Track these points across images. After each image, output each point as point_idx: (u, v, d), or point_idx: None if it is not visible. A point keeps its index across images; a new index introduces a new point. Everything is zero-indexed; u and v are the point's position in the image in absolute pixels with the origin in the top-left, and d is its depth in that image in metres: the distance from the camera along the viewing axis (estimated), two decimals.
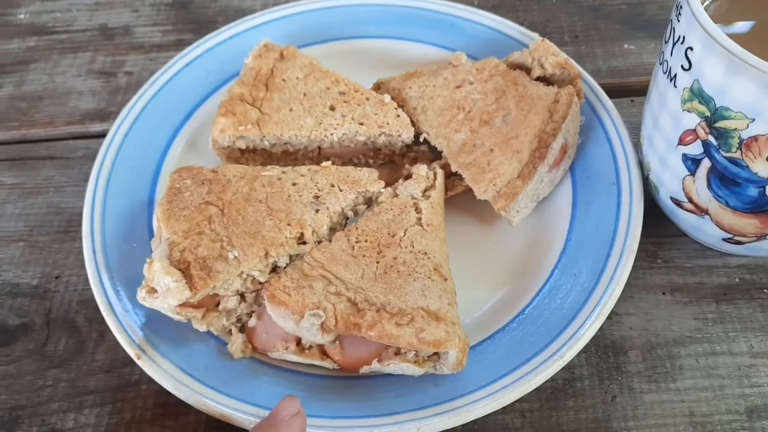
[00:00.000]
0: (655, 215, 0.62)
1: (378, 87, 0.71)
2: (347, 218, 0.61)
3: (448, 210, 0.63)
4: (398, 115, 0.66)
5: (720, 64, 0.47)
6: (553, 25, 0.83)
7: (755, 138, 0.48)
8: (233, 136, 0.65)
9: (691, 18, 0.49)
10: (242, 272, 0.54)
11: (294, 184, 0.61)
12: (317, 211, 0.59)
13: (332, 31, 0.78)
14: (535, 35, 0.73)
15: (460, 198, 0.64)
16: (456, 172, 0.63)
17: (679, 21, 0.51)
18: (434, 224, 0.59)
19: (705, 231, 0.58)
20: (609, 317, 0.59)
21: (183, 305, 0.53)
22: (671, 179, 0.57)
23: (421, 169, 0.62)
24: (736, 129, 0.49)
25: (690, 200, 0.56)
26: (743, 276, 0.62)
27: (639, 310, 0.60)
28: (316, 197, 0.60)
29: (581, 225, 0.62)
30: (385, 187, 0.61)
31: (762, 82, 0.46)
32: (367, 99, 0.67)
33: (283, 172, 0.62)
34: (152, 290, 0.53)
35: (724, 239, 0.58)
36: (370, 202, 0.62)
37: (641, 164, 0.62)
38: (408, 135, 0.65)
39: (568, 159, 0.64)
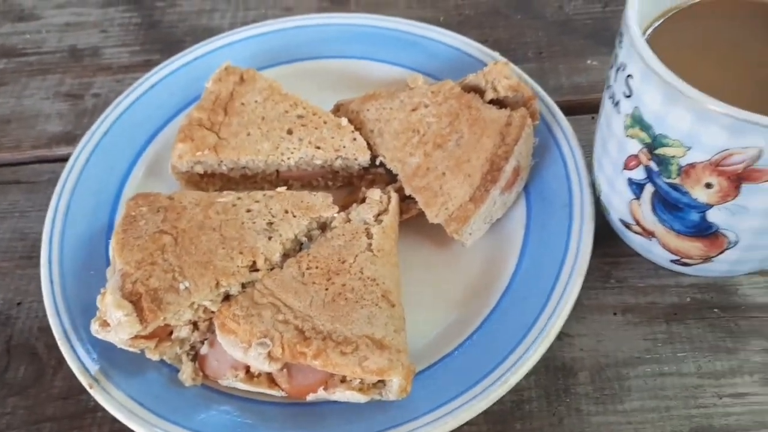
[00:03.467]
0: (610, 234, 0.63)
1: (338, 109, 0.71)
2: (301, 244, 0.62)
3: (403, 232, 0.64)
4: (354, 139, 0.67)
5: (657, 92, 0.48)
6: (517, 41, 0.83)
7: (693, 165, 0.49)
8: (191, 161, 0.66)
9: (630, 46, 0.49)
10: (193, 303, 0.55)
11: (248, 211, 0.61)
12: (270, 238, 0.59)
13: (297, 51, 0.78)
14: (496, 54, 0.74)
15: (415, 220, 0.65)
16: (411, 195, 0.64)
17: (620, 48, 0.52)
18: (385, 249, 0.60)
19: (654, 252, 0.59)
20: (560, 338, 0.59)
21: (135, 338, 0.54)
22: (619, 202, 0.58)
23: (374, 194, 0.63)
24: (674, 156, 0.50)
25: (637, 223, 0.57)
26: (694, 295, 0.62)
27: (591, 331, 0.61)
28: (270, 224, 0.60)
29: (533, 247, 0.62)
30: (339, 211, 0.62)
31: (696, 112, 0.46)
32: (325, 122, 0.68)
33: (239, 198, 0.63)
34: (105, 323, 0.54)
35: (672, 261, 0.58)
36: (324, 227, 0.62)
37: (594, 185, 0.63)
38: (364, 158, 0.66)
39: (521, 181, 0.64)
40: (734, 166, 0.47)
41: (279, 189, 0.64)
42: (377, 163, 0.67)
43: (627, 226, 0.59)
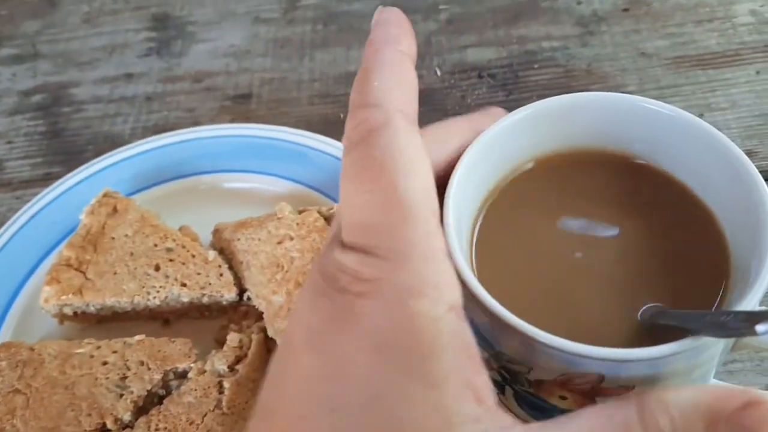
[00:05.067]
0: None
1: (216, 231, 0.70)
2: (160, 395, 0.60)
3: None
4: (221, 274, 0.65)
5: (484, 316, 0.44)
6: None
7: (541, 381, 0.45)
8: (57, 305, 0.65)
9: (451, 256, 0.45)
10: None
11: (104, 364, 0.60)
12: (121, 396, 0.58)
13: (186, 166, 0.77)
14: None
15: None
16: None
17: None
18: (237, 405, 0.58)
19: None
20: None
21: None
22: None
23: (232, 339, 0.61)
24: (520, 372, 0.46)
25: (511, 410, 0.53)
26: None
27: None
28: (123, 378, 0.59)
29: None
30: (195, 362, 0.60)
31: (522, 341, 0.42)
32: (193, 256, 0.66)
33: (98, 348, 0.62)
34: None
35: None
36: (184, 375, 0.61)
37: None
38: (230, 295, 0.64)
39: None
40: (580, 386, 0.43)
41: (137, 337, 0.62)
42: (246, 298, 0.65)
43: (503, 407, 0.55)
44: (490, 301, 0.43)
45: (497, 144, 0.50)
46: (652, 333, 0.45)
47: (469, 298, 0.44)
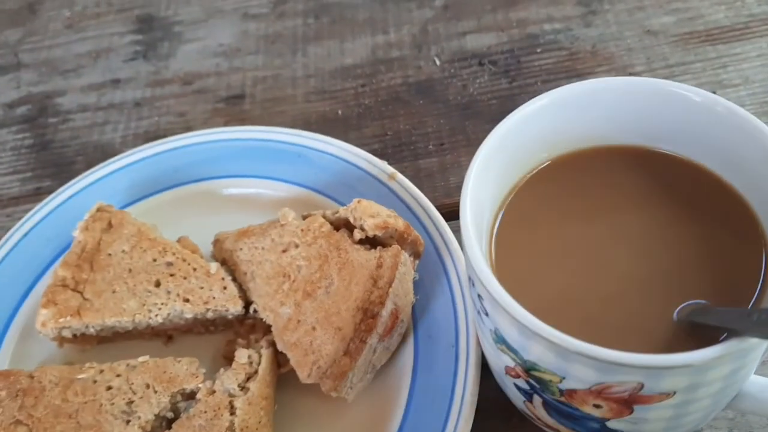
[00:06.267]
0: None
1: (216, 242, 0.67)
2: (168, 419, 0.57)
3: (283, 385, 0.59)
4: (225, 287, 0.62)
5: (511, 325, 0.41)
6: (418, 132, 0.77)
7: (574, 390, 0.42)
8: (55, 328, 0.62)
9: (472, 268, 0.42)
10: None
11: (108, 389, 0.57)
12: (128, 422, 0.55)
13: (182, 174, 0.74)
14: (383, 164, 0.68)
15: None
16: None
17: (465, 254, 0.44)
18: (250, 426, 0.55)
19: None
20: None
21: None
22: (512, 395, 0.51)
23: (241, 355, 0.58)
24: (551, 381, 0.43)
25: (538, 419, 0.51)
26: None
27: None
28: (130, 403, 0.56)
29: (421, 395, 0.57)
30: (204, 381, 0.57)
31: (557, 351, 0.39)
32: (194, 270, 0.63)
33: (101, 371, 0.59)
34: None
35: None
36: (192, 395, 0.58)
37: None
38: (235, 309, 0.61)
39: (402, 323, 0.59)
40: (617, 394, 0.40)
41: (141, 358, 0.59)
42: (252, 311, 0.62)
43: (527, 416, 0.52)
44: (518, 310, 0.40)
45: (511, 139, 0.47)
46: (689, 333, 0.42)
47: (495, 306, 0.42)
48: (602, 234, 0.46)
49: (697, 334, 0.41)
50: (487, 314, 0.44)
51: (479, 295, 0.44)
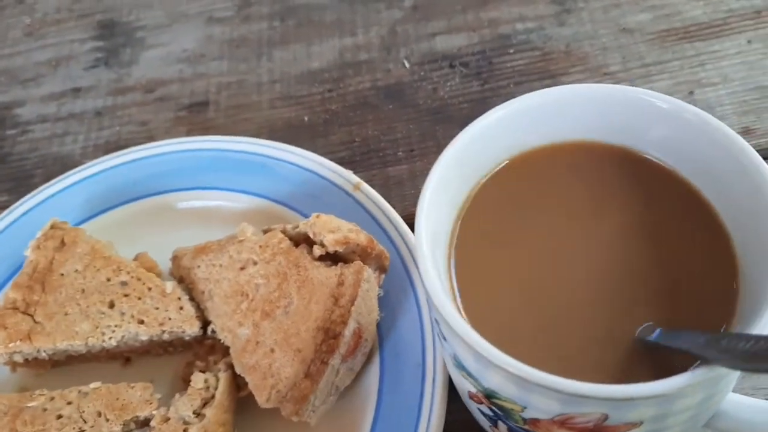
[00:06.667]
0: None
1: (175, 258, 0.64)
2: None
3: (243, 410, 0.56)
4: (181, 308, 0.59)
5: (468, 354, 0.38)
6: (387, 138, 0.75)
7: (537, 420, 0.40)
8: (5, 353, 0.59)
9: (428, 292, 0.39)
10: None
11: (59, 417, 0.55)
12: None
13: (141, 187, 0.71)
14: (349, 173, 0.66)
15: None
16: None
17: (420, 274, 0.41)
18: None
19: None
20: None
21: None
22: (478, 419, 0.48)
23: (197, 380, 0.56)
24: (513, 410, 0.40)
25: None
26: None
27: None
28: None
29: (386, 417, 0.55)
30: (158, 408, 0.55)
31: (516, 383, 0.37)
32: (149, 289, 0.61)
33: (51, 399, 0.56)
34: None
35: None
36: (146, 423, 0.55)
37: None
38: (192, 330, 0.59)
39: (366, 342, 0.56)
40: (582, 425, 0.38)
41: (93, 384, 0.57)
42: (210, 331, 0.59)
43: None
44: (474, 337, 0.37)
45: (469, 152, 0.45)
46: (657, 355, 0.39)
47: (451, 333, 0.39)
48: (563, 243, 0.44)
49: (663, 356, 0.39)
50: (445, 339, 0.42)
51: (436, 320, 0.41)
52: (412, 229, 0.60)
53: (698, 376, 0.34)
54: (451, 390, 0.53)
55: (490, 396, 0.41)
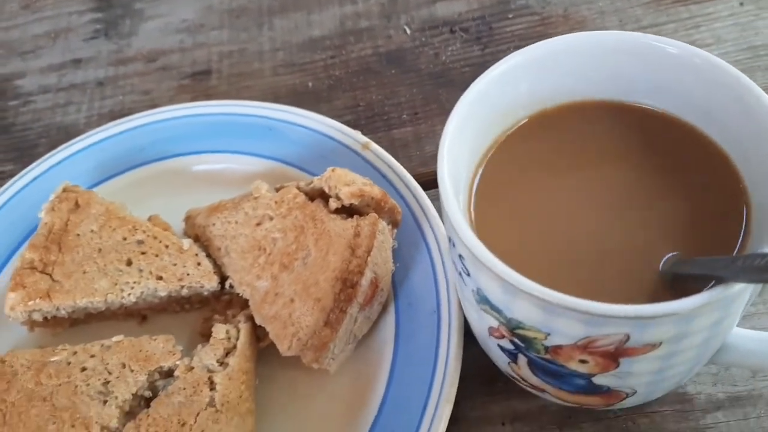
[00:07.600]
0: None
1: (188, 218, 0.65)
2: (146, 398, 0.56)
3: (264, 359, 0.58)
4: (199, 263, 0.61)
5: (493, 283, 0.40)
6: (391, 102, 0.76)
7: (559, 346, 0.42)
8: (24, 311, 0.60)
9: (452, 227, 0.41)
10: None
11: (83, 370, 0.56)
12: (105, 402, 0.54)
13: (150, 152, 0.72)
14: (357, 134, 0.67)
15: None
16: None
17: (444, 215, 0.43)
18: (231, 400, 0.54)
19: (552, 400, 0.52)
20: None
21: None
22: (496, 358, 0.50)
23: (219, 331, 0.57)
24: (536, 338, 0.42)
25: (523, 380, 0.50)
26: None
27: None
28: (106, 383, 0.55)
29: (404, 363, 0.57)
30: (181, 358, 0.56)
31: (541, 307, 0.39)
32: (167, 247, 0.62)
33: (74, 353, 0.57)
34: None
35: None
36: (170, 373, 0.56)
37: None
38: (211, 285, 0.60)
39: (382, 292, 0.58)
40: (603, 348, 0.40)
41: (116, 338, 0.58)
42: (228, 286, 0.61)
43: (512, 378, 0.52)
44: (501, 267, 0.39)
45: (484, 100, 0.46)
46: (673, 285, 0.42)
47: (476, 265, 0.41)
48: (583, 189, 0.46)
49: (680, 285, 0.41)
50: (468, 274, 0.43)
51: (460, 255, 0.43)
52: (422, 188, 0.62)
53: (715, 294, 0.37)
54: (467, 338, 0.55)
55: (513, 328, 0.43)
